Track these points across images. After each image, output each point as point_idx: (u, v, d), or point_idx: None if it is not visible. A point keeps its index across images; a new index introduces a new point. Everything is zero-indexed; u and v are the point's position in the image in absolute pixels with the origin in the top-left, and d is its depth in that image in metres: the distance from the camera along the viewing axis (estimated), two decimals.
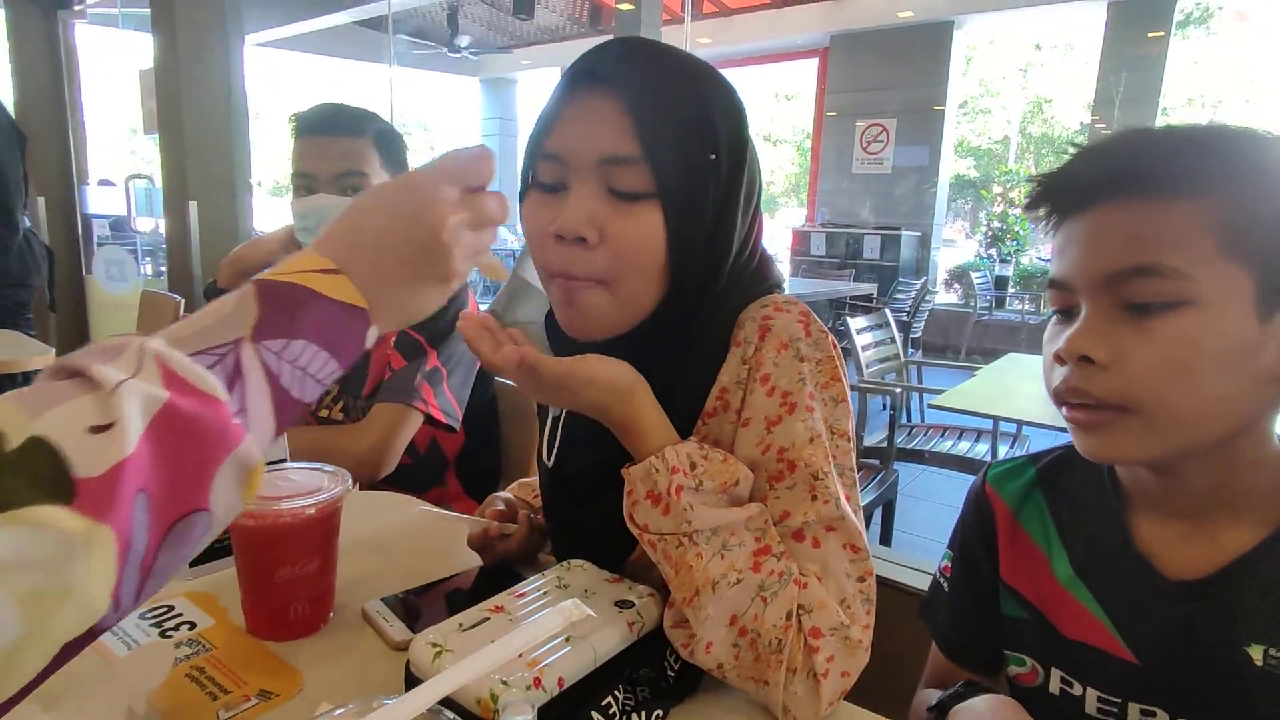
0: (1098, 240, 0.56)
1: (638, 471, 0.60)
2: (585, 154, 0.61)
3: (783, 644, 0.57)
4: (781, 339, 0.64)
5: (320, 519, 0.66)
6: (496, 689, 0.52)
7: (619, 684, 0.58)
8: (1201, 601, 0.58)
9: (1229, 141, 0.55)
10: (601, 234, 0.61)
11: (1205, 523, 0.59)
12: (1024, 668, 0.69)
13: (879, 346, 3.03)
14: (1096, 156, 0.58)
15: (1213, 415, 0.54)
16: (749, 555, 0.59)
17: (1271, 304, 0.52)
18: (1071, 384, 0.57)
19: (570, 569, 0.70)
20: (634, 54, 0.63)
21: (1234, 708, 0.57)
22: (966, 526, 0.76)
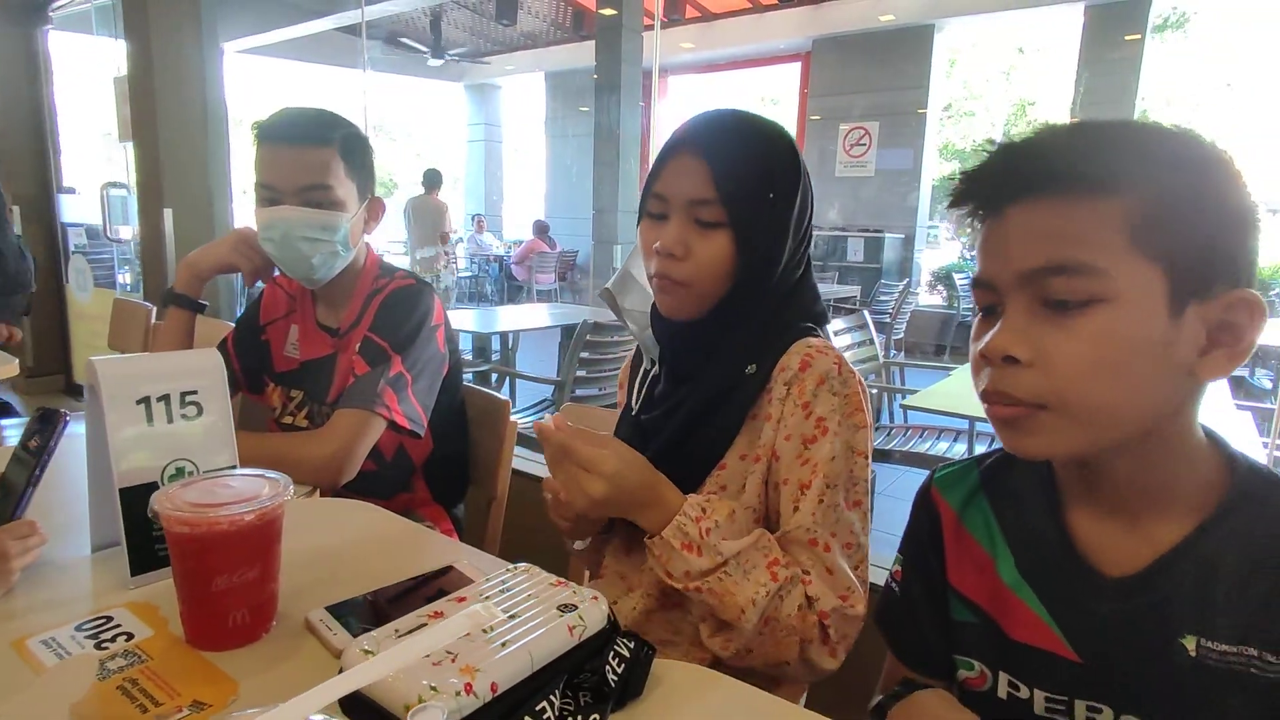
0: (1016, 239, 0.56)
1: (670, 531, 0.76)
2: (679, 196, 0.83)
3: (795, 629, 0.77)
4: (819, 375, 0.82)
5: (259, 526, 0.65)
6: (425, 694, 0.51)
7: (555, 688, 0.58)
8: (1138, 597, 0.58)
9: (1140, 139, 0.55)
10: (688, 250, 0.83)
11: (1138, 518, 0.60)
12: (973, 672, 0.69)
13: (858, 348, 3.04)
14: (1013, 155, 0.58)
15: (1132, 408, 0.55)
16: (765, 569, 0.77)
17: (1182, 300, 0.53)
18: (996, 385, 0.57)
19: (516, 573, 0.70)
20: (715, 124, 0.84)
21: (1173, 700, 0.57)
22: (914, 531, 0.76)
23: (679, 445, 0.87)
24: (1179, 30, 10.80)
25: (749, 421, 0.85)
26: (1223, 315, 0.54)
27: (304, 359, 1.35)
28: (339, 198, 1.22)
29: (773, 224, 0.84)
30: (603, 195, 5.75)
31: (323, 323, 1.34)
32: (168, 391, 0.79)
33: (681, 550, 0.75)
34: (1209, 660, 0.55)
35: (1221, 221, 0.54)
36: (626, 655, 0.64)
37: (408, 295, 1.29)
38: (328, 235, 1.22)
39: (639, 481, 0.78)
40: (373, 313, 1.28)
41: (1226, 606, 0.55)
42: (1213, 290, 0.53)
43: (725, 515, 0.79)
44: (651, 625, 0.89)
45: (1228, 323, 0.54)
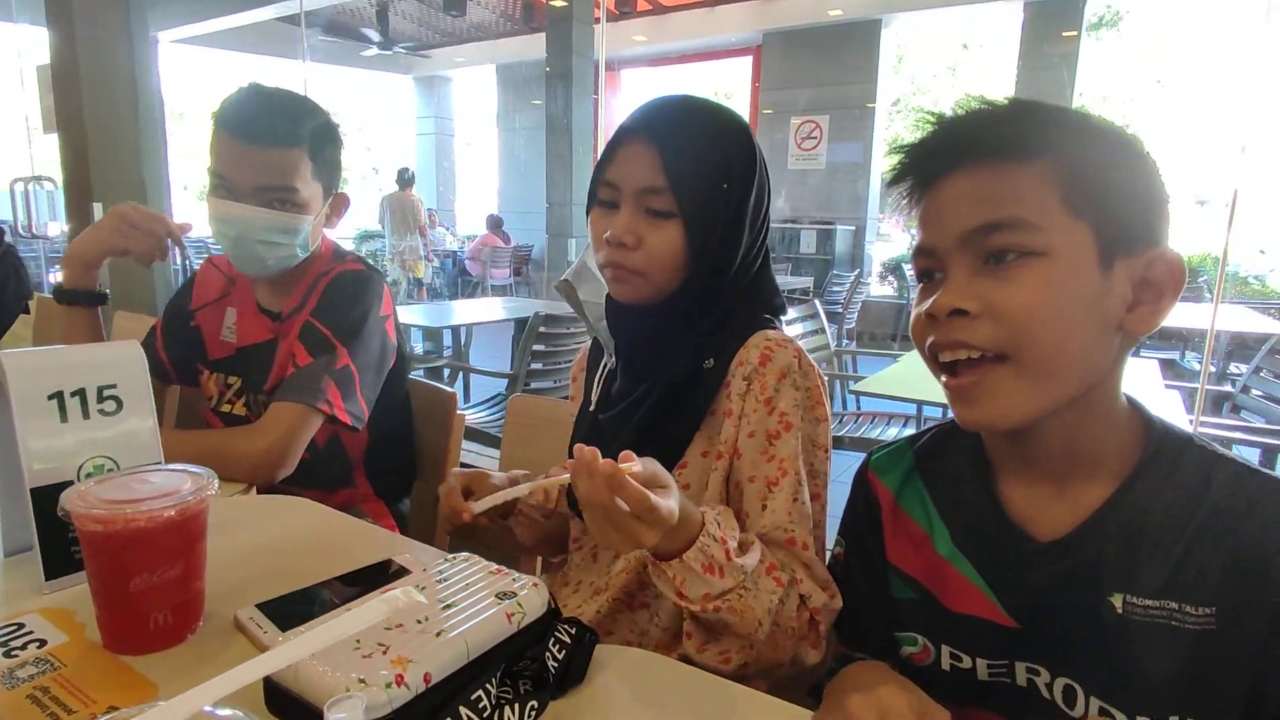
0: (955, 203, 0.59)
1: (692, 554, 0.67)
2: (629, 184, 0.81)
3: (795, 630, 0.74)
4: (781, 369, 0.80)
5: (180, 522, 0.62)
6: (354, 687, 0.50)
7: (492, 677, 0.56)
8: (1067, 559, 0.60)
9: (1064, 115, 0.59)
10: (639, 240, 0.81)
11: (1066, 483, 0.62)
12: (916, 647, 0.70)
13: (809, 337, 3.08)
14: (950, 127, 0.60)
15: (1077, 361, 0.57)
16: (768, 577, 0.72)
17: (1110, 255, 0.56)
18: (946, 337, 0.58)
19: (455, 562, 0.68)
20: (667, 112, 0.83)
21: (1104, 657, 0.59)
22: (853, 513, 0.77)
23: (639, 444, 0.84)
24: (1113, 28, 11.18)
25: (708, 417, 0.83)
26: (1145, 273, 0.57)
27: (241, 344, 1.29)
28: (302, 200, 1.16)
29: (727, 214, 0.82)
30: (556, 188, 5.71)
31: (264, 306, 1.28)
32: (83, 386, 0.75)
33: (703, 573, 0.67)
34: (1134, 615, 0.57)
35: (1140, 186, 0.57)
36: (568, 641, 0.63)
37: (355, 281, 1.23)
38: (287, 239, 1.17)
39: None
40: (317, 297, 1.22)
41: (1148, 562, 0.57)
42: (1136, 249, 0.56)
43: (735, 527, 0.73)
44: (617, 626, 0.87)
45: (1150, 280, 0.57)
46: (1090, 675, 0.60)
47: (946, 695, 0.68)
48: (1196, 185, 8.10)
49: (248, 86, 1.18)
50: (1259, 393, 2.52)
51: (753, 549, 0.72)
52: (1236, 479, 0.57)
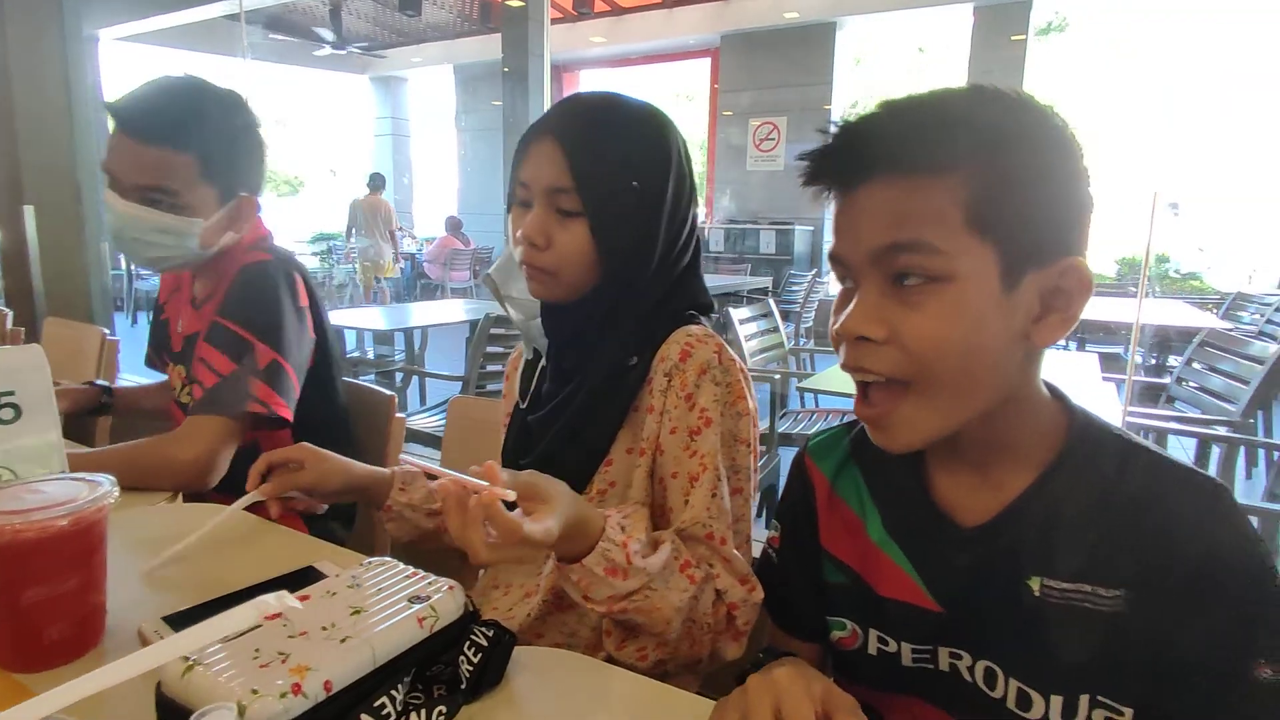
0: (864, 218, 0.57)
1: (593, 558, 0.68)
2: (538, 184, 0.81)
3: (711, 626, 0.75)
4: (700, 365, 0.80)
5: (75, 533, 0.60)
6: (246, 699, 0.48)
7: (399, 682, 0.55)
8: (989, 544, 0.61)
9: (980, 114, 0.56)
10: (549, 240, 0.81)
11: (989, 472, 0.63)
12: (845, 631, 0.71)
13: (764, 336, 3.10)
14: (855, 136, 0.59)
15: (980, 381, 0.57)
16: (681, 574, 0.73)
17: (1018, 273, 0.55)
18: (856, 361, 0.59)
19: (370, 567, 0.67)
20: (573, 110, 0.83)
21: (1022, 639, 0.60)
22: (789, 498, 0.77)
23: (566, 444, 0.85)
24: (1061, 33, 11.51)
25: (632, 414, 0.83)
26: (1056, 282, 0.56)
27: (185, 334, 1.27)
28: (184, 202, 1.12)
29: (638, 213, 0.81)
30: None
31: (196, 296, 1.27)
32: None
33: (606, 576, 0.68)
34: (1051, 598, 0.58)
35: (1056, 195, 0.56)
36: (484, 644, 0.62)
37: (259, 274, 1.17)
38: (166, 239, 1.12)
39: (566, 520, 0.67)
40: (223, 291, 1.18)
41: (1065, 547, 0.59)
42: (1046, 260, 0.56)
43: (644, 529, 0.74)
44: (547, 628, 0.86)
45: (1060, 289, 0.56)
46: (1009, 657, 0.61)
47: (872, 680, 0.69)
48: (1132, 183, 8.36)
49: (154, 79, 1.14)
50: (1192, 384, 2.61)
51: (662, 549, 0.72)
52: (1150, 468, 0.59)
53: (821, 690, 0.55)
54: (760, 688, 0.55)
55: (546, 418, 0.87)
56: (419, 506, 0.97)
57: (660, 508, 0.82)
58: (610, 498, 0.83)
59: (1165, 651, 0.56)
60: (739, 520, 0.82)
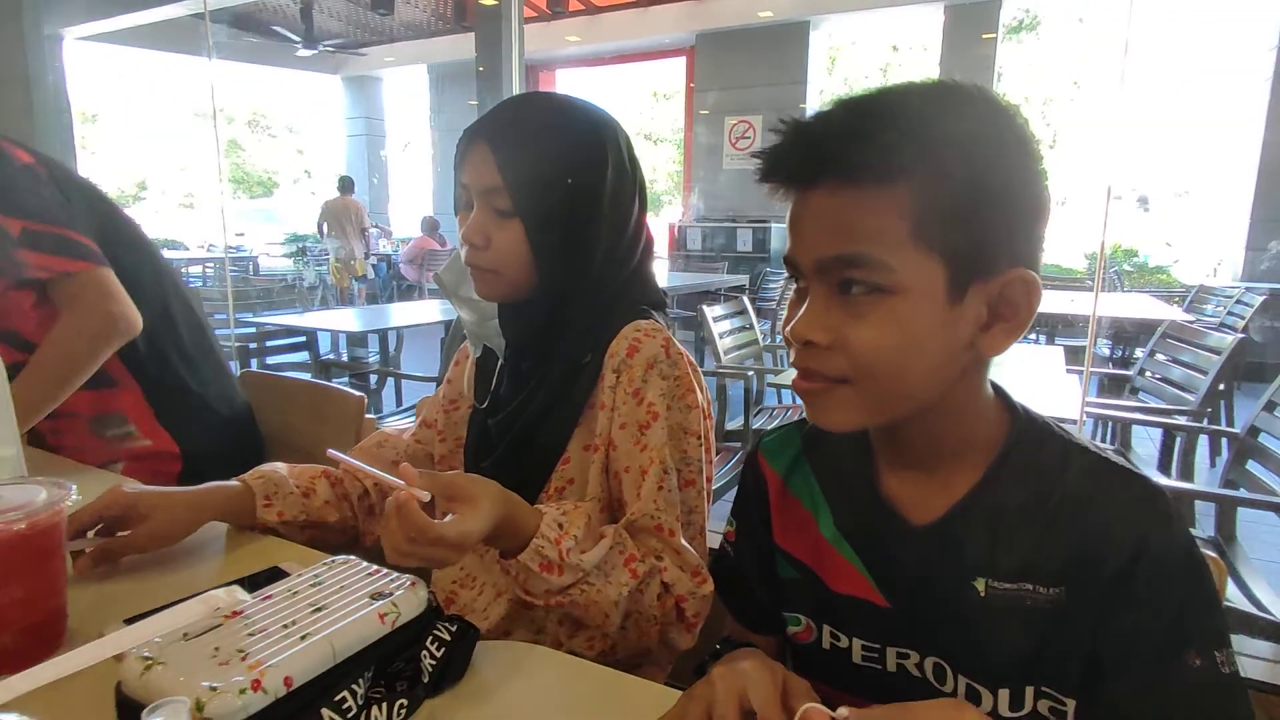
0: (812, 226, 0.58)
1: (527, 555, 0.70)
2: (475, 185, 0.83)
3: (656, 618, 0.78)
4: (648, 360, 0.81)
5: (30, 536, 0.60)
6: (205, 696, 0.49)
7: (359, 677, 0.56)
8: (936, 543, 0.63)
9: (934, 117, 0.56)
10: (487, 239, 0.82)
11: (936, 471, 0.64)
12: (799, 626, 0.72)
13: (739, 334, 3.12)
14: (805, 137, 0.59)
15: (920, 386, 0.59)
16: (623, 568, 0.75)
17: (963, 284, 0.56)
18: (804, 364, 0.60)
19: (333, 565, 0.67)
20: (504, 111, 0.84)
21: (967, 637, 0.61)
22: (743, 495, 0.78)
23: (524, 444, 0.86)
24: (1032, 32, 11.68)
25: (587, 411, 0.84)
26: (1004, 290, 0.57)
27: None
28: None
29: (572, 211, 0.82)
30: None
31: None
32: None
33: (541, 571, 0.71)
34: (994, 599, 0.60)
35: (1008, 203, 0.56)
36: (447, 639, 0.63)
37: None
38: None
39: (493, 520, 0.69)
40: None
41: (1007, 546, 0.60)
42: (994, 271, 0.56)
43: (583, 525, 0.75)
44: (515, 625, 0.87)
45: (1007, 298, 0.57)
46: (957, 653, 0.63)
47: (824, 675, 0.71)
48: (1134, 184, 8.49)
49: None
50: (1154, 375, 2.68)
51: (601, 544, 0.74)
52: (1088, 467, 0.60)
53: (782, 676, 0.57)
54: (726, 677, 0.56)
55: (505, 419, 0.88)
56: (292, 522, 0.91)
57: (617, 502, 0.83)
58: (569, 495, 0.84)
59: (1103, 644, 0.57)
60: (692, 512, 0.84)
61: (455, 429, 1.00)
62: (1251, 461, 1.79)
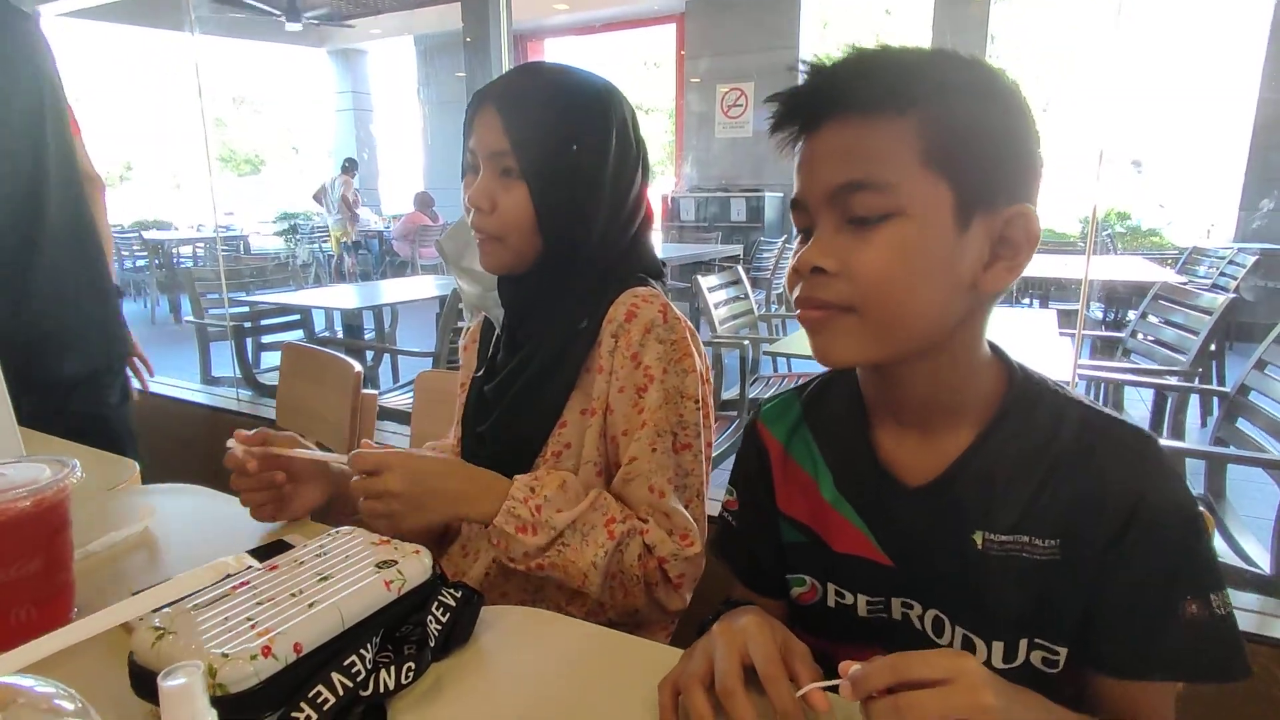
0: (822, 157, 0.59)
1: (502, 518, 0.77)
2: (481, 149, 0.83)
3: (640, 577, 0.80)
4: (645, 324, 0.83)
5: (37, 513, 0.61)
6: (217, 663, 0.50)
7: (368, 642, 0.57)
8: (934, 501, 0.64)
9: (938, 64, 0.59)
10: (493, 203, 0.83)
11: (932, 431, 0.65)
12: (804, 587, 0.73)
13: (733, 303, 3.12)
14: (824, 76, 0.60)
15: (921, 318, 0.59)
16: (603, 529, 0.79)
17: (967, 215, 0.57)
18: (808, 294, 0.60)
19: (338, 536, 0.68)
20: (512, 76, 0.86)
21: (966, 589, 0.63)
22: (745, 464, 0.79)
23: (520, 409, 0.87)
24: None
25: (583, 375, 0.86)
26: (1003, 230, 0.58)
27: None
28: None
29: (576, 175, 0.83)
30: None
31: None
32: None
33: (517, 534, 0.76)
34: (992, 551, 0.61)
35: (1008, 145, 0.58)
36: (452, 605, 0.64)
37: None
38: None
39: (441, 485, 0.78)
40: None
41: (1004, 501, 0.61)
42: (996, 206, 0.57)
43: (556, 487, 0.80)
44: (510, 587, 0.89)
45: (1007, 237, 0.58)
46: (955, 607, 0.64)
47: (831, 632, 0.72)
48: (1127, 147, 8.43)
49: None
50: (1149, 337, 2.69)
51: (579, 505, 0.78)
52: (1083, 422, 0.61)
53: (783, 636, 0.58)
54: (727, 633, 0.58)
55: (502, 385, 0.89)
56: None
57: (615, 466, 0.85)
58: (565, 458, 0.86)
59: (1098, 595, 0.59)
60: (688, 475, 0.85)
61: None
62: (1241, 419, 1.81)
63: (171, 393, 2.58)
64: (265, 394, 2.76)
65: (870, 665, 0.49)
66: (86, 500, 0.94)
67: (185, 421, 2.50)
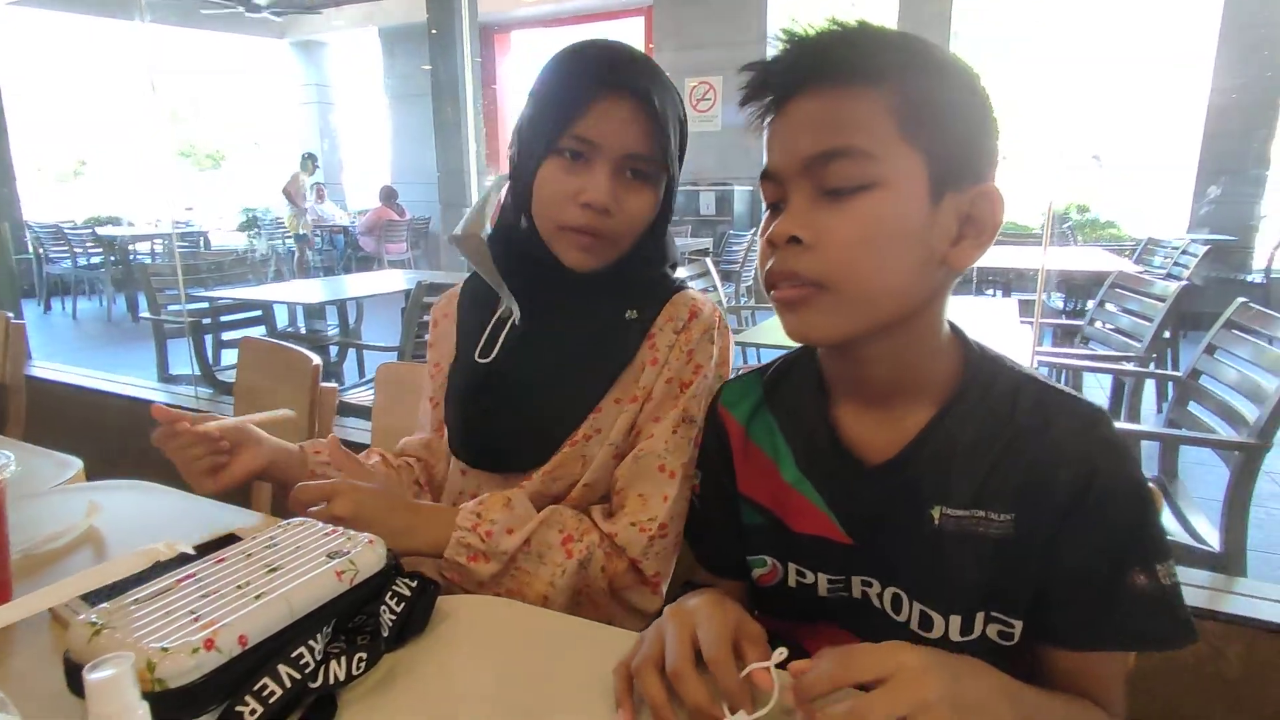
0: (798, 127, 0.59)
1: (452, 549, 0.75)
2: (614, 145, 0.77)
3: (606, 589, 0.79)
4: (705, 326, 0.85)
5: None
6: (155, 657, 0.48)
7: (317, 633, 0.56)
8: (893, 479, 0.64)
9: (910, 43, 0.59)
10: (620, 205, 0.79)
11: (892, 409, 0.65)
12: (765, 568, 0.73)
13: None
14: (801, 47, 0.60)
15: (893, 291, 0.59)
16: (560, 548, 0.77)
17: (940, 187, 0.57)
18: (781, 266, 0.60)
19: (289, 528, 0.67)
20: (645, 67, 0.79)
21: (924, 565, 0.64)
22: (707, 447, 0.79)
23: (545, 394, 0.85)
24: None
25: (627, 368, 0.85)
26: (970, 208, 0.59)
27: None
28: None
29: (676, 180, 0.85)
30: (447, 156, 5.51)
31: None
32: None
33: (469, 563, 0.75)
34: (948, 526, 0.62)
35: (973, 123, 0.59)
36: (407, 595, 0.63)
37: None
38: None
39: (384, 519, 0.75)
40: None
41: (961, 477, 0.62)
42: (964, 183, 0.58)
43: (501, 507, 0.78)
44: None
45: (973, 215, 0.59)
46: (913, 582, 0.65)
47: (792, 612, 0.73)
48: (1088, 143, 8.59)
49: None
50: (1107, 325, 2.76)
51: (530, 524, 0.77)
52: (1037, 398, 0.62)
53: (735, 618, 0.58)
54: (678, 616, 0.58)
55: (523, 365, 0.86)
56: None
57: (628, 453, 0.84)
58: (594, 442, 0.84)
59: (1051, 567, 0.60)
60: None
61: (443, 392, 0.97)
62: (1192, 403, 1.85)
63: (127, 391, 2.51)
64: (225, 391, 2.70)
65: (809, 675, 0.49)
66: (27, 499, 0.91)
67: (141, 421, 2.44)
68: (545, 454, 0.84)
